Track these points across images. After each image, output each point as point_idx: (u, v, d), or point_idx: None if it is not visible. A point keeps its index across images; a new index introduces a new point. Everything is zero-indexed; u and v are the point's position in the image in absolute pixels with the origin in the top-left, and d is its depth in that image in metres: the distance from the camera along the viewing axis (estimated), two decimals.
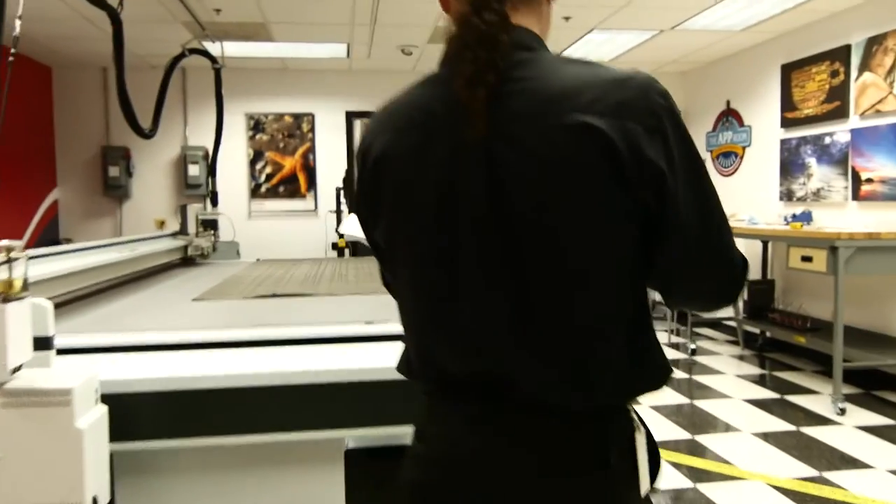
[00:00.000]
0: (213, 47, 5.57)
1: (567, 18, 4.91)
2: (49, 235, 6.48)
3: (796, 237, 4.21)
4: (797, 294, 5.31)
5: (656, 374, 0.89)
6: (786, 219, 5.04)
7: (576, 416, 0.85)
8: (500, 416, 0.86)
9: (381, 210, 0.93)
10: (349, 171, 6.10)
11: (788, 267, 4.23)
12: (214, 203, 5.38)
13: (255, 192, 6.82)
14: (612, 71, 0.84)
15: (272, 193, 6.83)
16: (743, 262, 0.89)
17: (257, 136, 6.78)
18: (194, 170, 6.60)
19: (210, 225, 5.11)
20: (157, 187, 6.73)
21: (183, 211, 4.98)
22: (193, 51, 4.41)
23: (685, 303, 1.00)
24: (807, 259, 3.98)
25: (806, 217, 4.92)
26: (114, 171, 6.56)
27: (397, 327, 1.01)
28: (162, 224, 6.76)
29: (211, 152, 5.09)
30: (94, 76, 6.58)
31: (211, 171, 5.29)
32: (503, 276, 0.84)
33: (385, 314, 2.24)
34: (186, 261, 5.07)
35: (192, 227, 5.03)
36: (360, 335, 1.93)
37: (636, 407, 0.91)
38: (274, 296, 2.73)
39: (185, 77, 6.67)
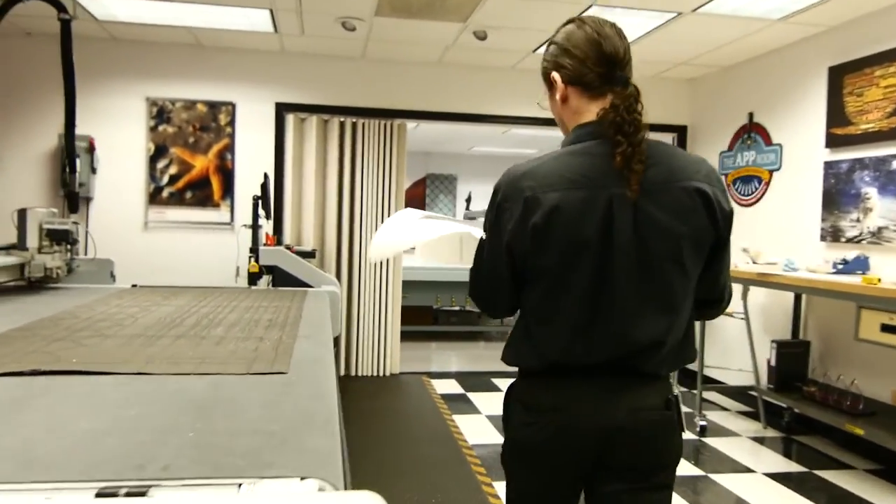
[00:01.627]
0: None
1: None
2: None
3: (877, 297, 3.14)
4: (842, 363, 4.29)
5: (693, 357, 1.49)
6: (835, 265, 4.03)
7: (661, 379, 1.45)
8: (620, 383, 1.41)
9: (551, 242, 1.36)
10: (268, 177, 4.95)
11: (859, 337, 3.17)
12: (73, 208, 4.18)
13: (154, 198, 5.61)
14: (691, 154, 1.47)
15: (176, 200, 5.63)
16: None
17: (161, 128, 5.59)
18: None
19: (61, 237, 3.91)
20: (26, 186, 5.47)
21: (21, 217, 3.79)
22: None
23: (717, 305, 1.54)
24: (890, 329, 2.93)
25: (861, 264, 3.91)
26: None
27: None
28: None
29: (64, 138, 3.92)
30: None
31: (69, 163, 4.11)
32: (644, 287, 1.37)
33: (187, 456, 1.10)
34: (33, 285, 3.93)
35: (32, 240, 3.82)
36: None
37: None
38: (35, 374, 1.58)
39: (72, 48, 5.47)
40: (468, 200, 13.39)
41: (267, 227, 5.48)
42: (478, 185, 14.27)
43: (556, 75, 1.45)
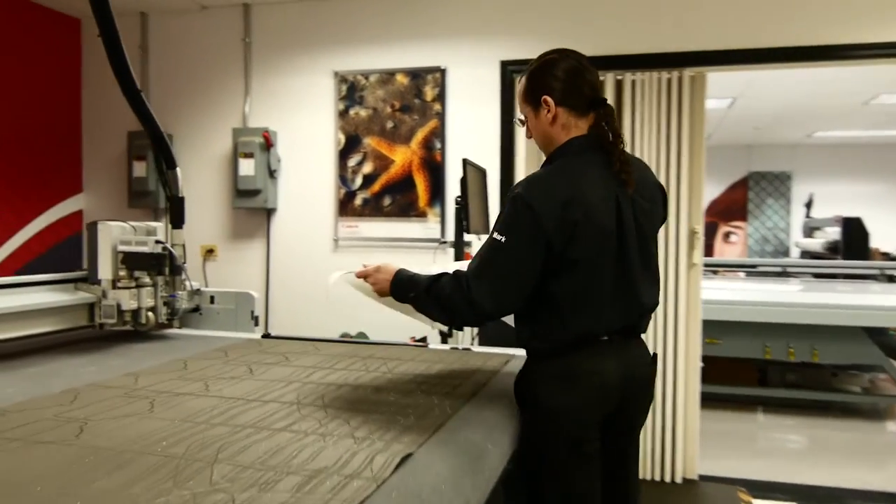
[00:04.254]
0: None
1: None
2: (68, 261, 4.75)
3: None
4: None
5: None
6: None
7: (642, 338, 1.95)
8: (629, 343, 1.87)
9: (589, 233, 1.72)
10: (472, 166, 3.34)
11: None
12: (177, 221, 3.01)
13: (344, 206, 4.40)
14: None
15: (372, 208, 4.33)
16: None
17: (352, 111, 4.35)
18: (247, 167, 4.35)
19: (142, 264, 2.75)
20: (204, 194, 4.64)
21: (91, 235, 2.71)
22: None
23: None
24: None
25: None
26: (139, 170, 4.60)
27: None
28: (209, 253, 4.67)
29: (141, 122, 2.77)
30: (130, 25, 4.75)
31: (164, 158, 2.95)
32: (644, 262, 1.83)
33: None
34: (136, 332, 2.92)
35: (105, 269, 2.70)
36: None
37: None
38: None
39: (247, 16, 4.53)
40: (808, 205, 10.48)
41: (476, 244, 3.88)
42: (822, 184, 11.16)
43: (548, 98, 1.83)
